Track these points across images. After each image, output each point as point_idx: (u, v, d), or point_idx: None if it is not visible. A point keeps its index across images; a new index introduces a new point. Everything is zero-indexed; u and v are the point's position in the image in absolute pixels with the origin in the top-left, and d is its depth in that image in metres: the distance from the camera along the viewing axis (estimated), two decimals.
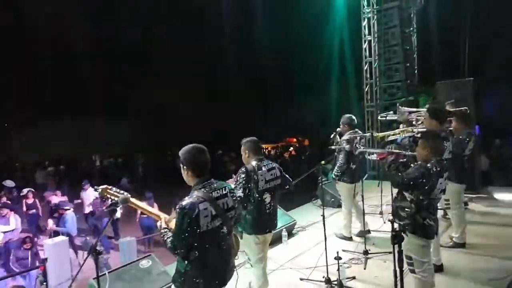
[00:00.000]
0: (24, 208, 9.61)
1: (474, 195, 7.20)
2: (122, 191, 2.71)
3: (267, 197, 3.56)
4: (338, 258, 4.03)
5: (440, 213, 4.99)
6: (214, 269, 2.45)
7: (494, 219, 6.03)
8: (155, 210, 2.80)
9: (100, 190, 2.70)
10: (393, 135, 5.16)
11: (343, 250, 4.90)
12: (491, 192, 7.65)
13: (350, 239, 5.46)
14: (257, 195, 3.50)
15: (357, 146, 5.13)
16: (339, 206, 7.17)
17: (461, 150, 4.72)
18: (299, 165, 17.58)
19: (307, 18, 23.29)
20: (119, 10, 27.55)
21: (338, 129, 5.41)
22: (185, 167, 2.52)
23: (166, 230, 2.49)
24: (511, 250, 4.68)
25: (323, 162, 4.48)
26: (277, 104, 28.89)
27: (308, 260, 4.84)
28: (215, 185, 2.50)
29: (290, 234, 5.90)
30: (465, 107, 5.45)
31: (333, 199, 7.39)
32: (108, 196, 2.67)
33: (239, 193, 3.39)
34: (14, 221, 7.44)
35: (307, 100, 26.66)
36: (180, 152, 2.56)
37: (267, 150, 28.67)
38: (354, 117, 5.41)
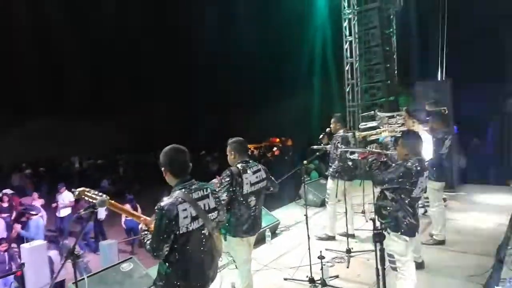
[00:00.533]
0: None
1: (452, 193, 7.36)
2: (100, 194, 2.62)
3: (252, 200, 3.50)
4: (321, 257, 4.06)
5: (420, 211, 5.09)
6: (196, 271, 2.41)
7: (471, 216, 6.18)
8: (135, 212, 2.74)
9: (77, 192, 2.58)
10: (375, 134, 5.23)
11: (326, 249, 4.93)
12: (468, 190, 7.84)
13: (333, 238, 5.47)
14: (241, 199, 3.42)
15: (338, 145, 5.18)
16: (322, 205, 7.23)
17: (438, 149, 4.83)
18: (283, 165, 17.64)
19: (289, 18, 23.38)
20: (103, 8, 27.11)
21: (327, 129, 5.41)
22: (163, 168, 2.49)
23: (146, 232, 2.45)
24: (488, 246, 4.79)
25: (305, 162, 4.49)
26: (260, 104, 28.92)
27: (292, 259, 4.85)
28: (196, 186, 2.47)
29: (274, 234, 5.90)
30: (444, 107, 5.58)
31: (315, 199, 7.45)
32: (86, 198, 2.57)
33: (224, 196, 3.32)
34: None
35: (290, 100, 26.79)
36: (161, 154, 2.53)
37: (250, 151, 28.68)
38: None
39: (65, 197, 9.58)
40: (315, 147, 5.47)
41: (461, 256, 4.65)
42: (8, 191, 9.80)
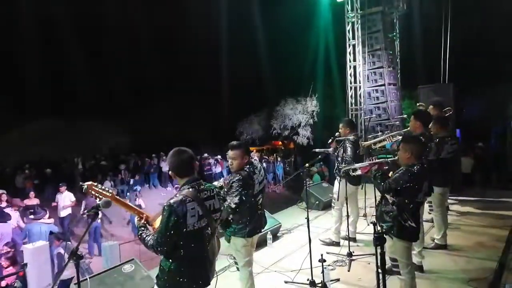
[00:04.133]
0: None
1: (455, 197, 7.34)
2: (107, 188, 2.68)
3: (260, 199, 3.62)
4: (322, 260, 4.05)
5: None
6: (198, 269, 2.49)
7: (474, 221, 6.16)
8: (138, 208, 2.77)
9: (85, 186, 2.62)
10: (379, 142, 5.20)
11: (328, 253, 4.93)
12: (471, 194, 7.81)
13: (338, 244, 5.35)
14: (252, 199, 3.51)
15: (348, 148, 5.08)
16: (324, 208, 7.23)
17: (438, 154, 4.80)
18: (285, 168, 17.69)
19: (292, 22, 23.48)
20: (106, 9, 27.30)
21: (336, 134, 5.32)
22: (171, 172, 2.59)
23: (142, 229, 2.51)
24: (490, 250, 4.79)
25: (307, 165, 4.50)
26: (261, 106, 28.88)
27: (293, 262, 4.85)
28: (203, 186, 2.57)
29: (275, 237, 5.90)
30: (448, 107, 5.61)
31: (317, 202, 7.44)
32: (93, 193, 2.61)
33: (236, 200, 3.34)
34: None
35: (292, 103, 26.71)
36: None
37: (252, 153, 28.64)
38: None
39: (66, 196, 9.59)
40: (317, 150, 5.46)
41: (463, 260, 4.64)
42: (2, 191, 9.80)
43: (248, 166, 3.52)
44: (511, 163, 11.70)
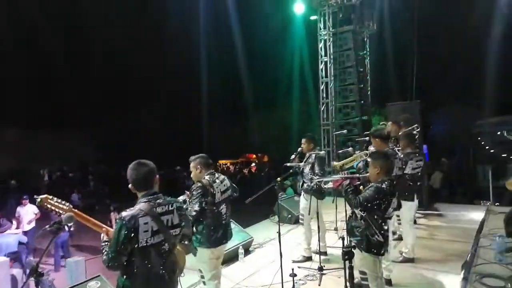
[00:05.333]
0: None
1: (422, 211, 7.53)
2: (64, 202, 2.54)
3: (223, 208, 3.69)
4: (293, 275, 4.04)
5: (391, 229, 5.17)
6: (154, 286, 2.39)
7: (441, 235, 6.34)
8: (98, 222, 2.60)
9: (39, 199, 2.48)
10: (351, 162, 5.30)
11: (299, 267, 4.93)
12: (438, 209, 8.06)
13: (310, 258, 5.35)
14: (214, 208, 3.58)
15: (315, 165, 5.15)
16: (296, 222, 7.24)
17: (402, 169, 4.94)
18: (258, 181, 17.69)
19: (267, 38, 23.86)
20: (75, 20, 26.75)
21: (299, 149, 5.41)
22: (130, 185, 2.50)
23: (106, 243, 2.42)
24: (457, 263, 4.90)
25: (279, 178, 4.51)
26: (237, 119, 28.98)
27: (264, 277, 4.81)
28: (161, 200, 2.48)
29: (247, 251, 5.85)
30: (416, 125, 5.81)
31: (289, 216, 7.45)
32: (49, 207, 2.48)
33: (196, 207, 3.45)
34: None
35: (267, 116, 26.96)
36: None
37: (226, 166, 28.61)
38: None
39: (29, 209, 9.18)
40: (288, 164, 5.49)
41: (430, 273, 4.74)
42: None
43: (209, 175, 3.67)
44: (475, 179, 12.19)
